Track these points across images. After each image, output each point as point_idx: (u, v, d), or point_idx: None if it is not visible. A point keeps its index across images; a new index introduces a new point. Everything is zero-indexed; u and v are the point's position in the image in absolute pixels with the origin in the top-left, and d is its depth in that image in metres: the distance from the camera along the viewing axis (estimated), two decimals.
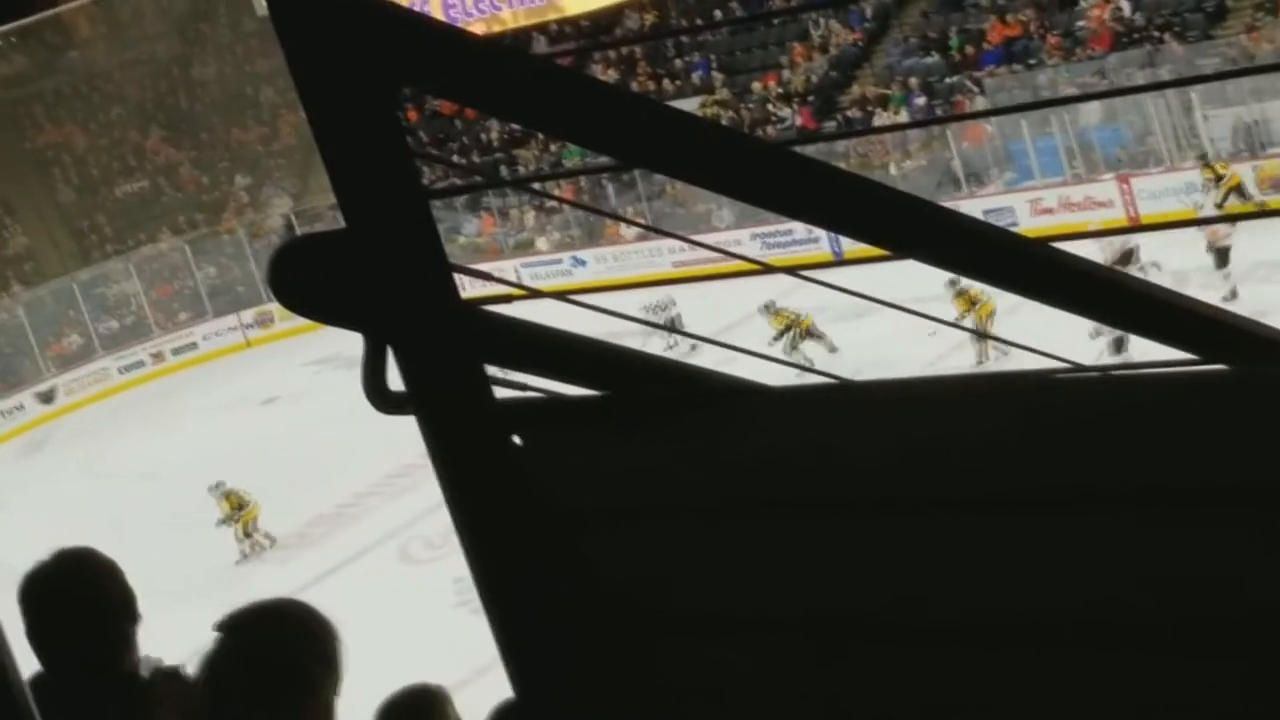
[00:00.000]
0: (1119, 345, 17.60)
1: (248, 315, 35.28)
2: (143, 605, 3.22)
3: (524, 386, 2.09)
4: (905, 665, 1.88)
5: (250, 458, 24.54)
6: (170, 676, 3.21)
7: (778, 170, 2.08)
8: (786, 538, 1.93)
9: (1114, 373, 1.96)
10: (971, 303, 21.89)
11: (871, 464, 1.89)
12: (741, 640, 1.97)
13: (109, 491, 25.02)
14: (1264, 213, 21.16)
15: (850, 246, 15.70)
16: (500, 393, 2.02)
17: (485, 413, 1.97)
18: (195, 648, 2.98)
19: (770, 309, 22.88)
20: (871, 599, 1.88)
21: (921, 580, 1.84)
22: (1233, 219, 29.07)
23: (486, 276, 2.21)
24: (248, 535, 21.76)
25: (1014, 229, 22.65)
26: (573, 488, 2.05)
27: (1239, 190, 23.76)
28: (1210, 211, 23.30)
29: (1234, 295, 20.55)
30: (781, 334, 22.67)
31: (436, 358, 1.96)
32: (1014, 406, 1.88)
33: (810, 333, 22.64)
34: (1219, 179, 23.83)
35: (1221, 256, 21.35)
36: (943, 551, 1.82)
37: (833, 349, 22.10)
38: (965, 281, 21.43)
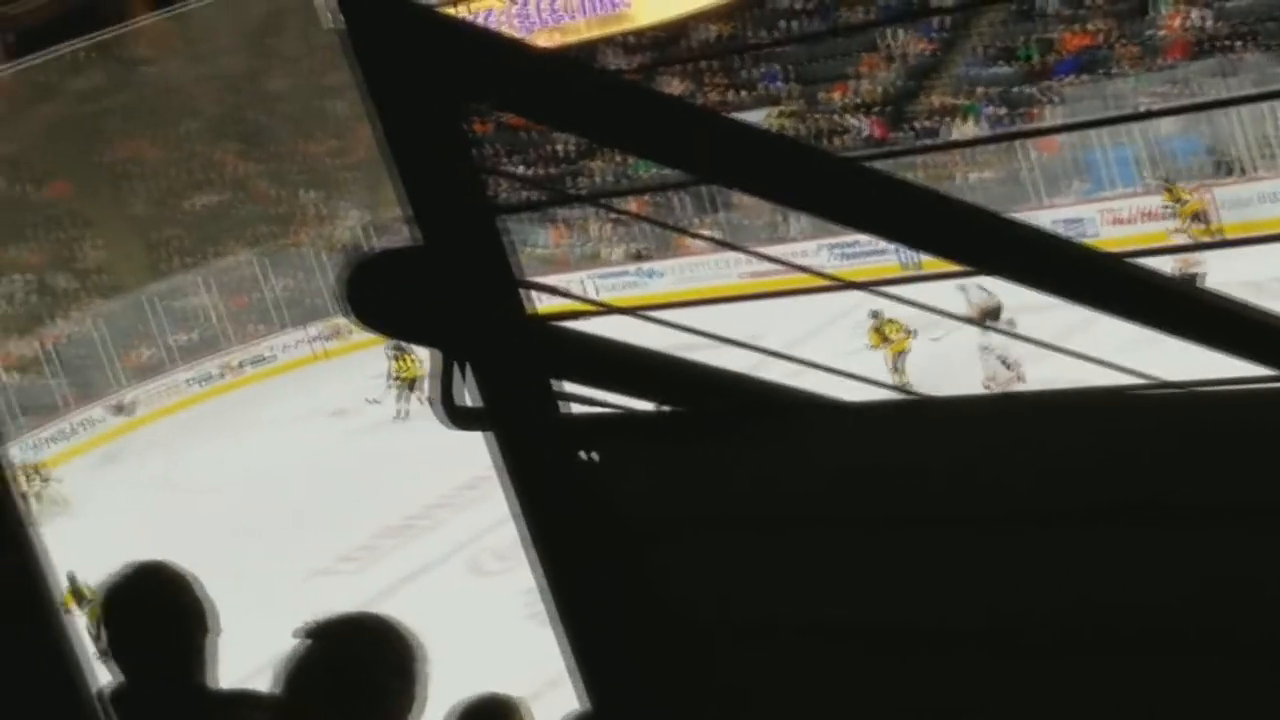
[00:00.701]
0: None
1: (319, 328, 35.50)
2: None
3: (595, 401, 2.09)
4: (960, 674, 1.87)
5: (320, 470, 24.71)
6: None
7: (847, 185, 2.06)
8: (861, 551, 1.92)
9: (1191, 389, 1.94)
10: (885, 339, 21.72)
11: (944, 479, 1.88)
12: (811, 652, 1.97)
13: (184, 503, 25.21)
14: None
15: (922, 258, 15.62)
16: (572, 407, 2.02)
17: (556, 428, 1.98)
18: (269, 657, 3.01)
19: None
20: (944, 610, 1.87)
21: (998, 592, 1.83)
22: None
23: (555, 291, 2.21)
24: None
25: (1088, 240, 22.48)
26: (644, 502, 2.05)
27: (1198, 216, 23.70)
28: (1178, 236, 23.27)
29: None
30: None
31: (507, 373, 1.96)
32: (1089, 422, 1.87)
33: None
34: (1180, 202, 23.77)
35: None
36: (1015, 564, 1.81)
37: None
38: (887, 315, 21.38)
